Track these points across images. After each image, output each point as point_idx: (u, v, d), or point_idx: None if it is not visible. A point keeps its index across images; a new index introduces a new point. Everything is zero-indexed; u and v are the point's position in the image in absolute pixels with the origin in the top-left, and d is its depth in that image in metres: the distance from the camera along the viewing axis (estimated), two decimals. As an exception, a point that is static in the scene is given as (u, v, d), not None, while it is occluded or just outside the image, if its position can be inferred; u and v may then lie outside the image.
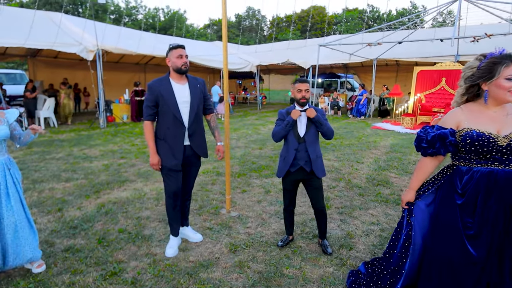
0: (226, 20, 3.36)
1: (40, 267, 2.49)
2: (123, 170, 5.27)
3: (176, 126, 2.66)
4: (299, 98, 2.63)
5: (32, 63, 13.67)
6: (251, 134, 8.86)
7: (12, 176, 2.35)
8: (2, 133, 2.29)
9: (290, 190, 2.83)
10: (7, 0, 38.65)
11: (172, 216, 2.87)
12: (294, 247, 2.92)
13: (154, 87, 2.64)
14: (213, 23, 51.60)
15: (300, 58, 14.74)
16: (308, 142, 2.66)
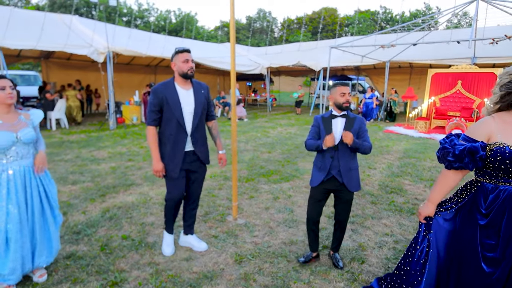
0: (234, 22, 3.26)
1: (42, 277, 2.43)
2: (130, 173, 5.22)
3: (179, 132, 2.59)
4: (342, 102, 2.46)
5: (46, 65, 13.90)
6: (260, 137, 8.74)
7: (37, 178, 2.33)
8: (30, 135, 2.26)
9: (319, 200, 2.61)
10: (23, 3, 39.70)
11: (169, 218, 2.81)
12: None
13: (159, 91, 2.55)
14: (224, 25, 51.84)
15: (311, 60, 14.57)
16: (341, 152, 2.48)
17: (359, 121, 2.53)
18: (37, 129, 2.41)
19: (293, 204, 4.04)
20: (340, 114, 2.52)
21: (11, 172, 2.21)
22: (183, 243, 2.98)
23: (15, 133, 2.21)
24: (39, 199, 2.34)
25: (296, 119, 13.05)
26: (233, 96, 3.43)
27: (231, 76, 3.38)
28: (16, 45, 8.41)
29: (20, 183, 2.23)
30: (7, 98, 2.18)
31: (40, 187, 2.35)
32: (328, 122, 2.53)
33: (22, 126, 2.27)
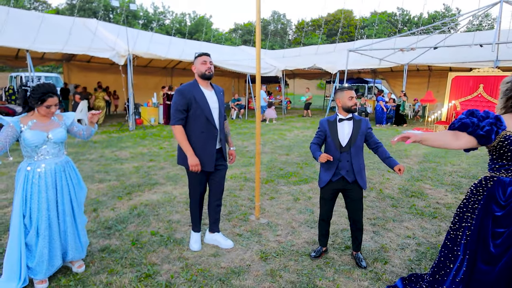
0: (259, 29, 3.40)
1: (81, 267, 2.60)
2: (153, 173, 5.43)
3: (209, 129, 2.76)
4: (351, 105, 2.60)
5: (67, 67, 14.44)
6: (277, 140, 8.86)
7: (67, 177, 2.48)
8: (60, 135, 2.40)
9: (328, 200, 2.78)
10: (44, 7, 41.24)
11: (197, 215, 2.99)
12: (326, 258, 2.88)
13: (186, 91, 2.72)
14: (238, 27, 52.28)
15: (327, 63, 14.61)
16: (353, 153, 2.62)
17: (365, 122, 2.67)
18: (75, 124, 2.58)
19: (313, 205, 4.14)
20: (347, 117, 2.65)
21: (42, 169, 2.35)
22: (209, 240, 3.12)
23: (46, 132, 2.34)
24: (69, 196, 2.49)
25: (312, 122, 13.10)
26: (258, 99, 3.56)
27: (256, 80, 3.52)
28: (43, 48, 8.84)
29: (51, 180, 2.37)
30: (50, 114, 2.36)
31: (71, 188, 2.49)
32: (334, 126, 2.67)
33: (54, 127, 2.40)
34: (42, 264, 2.35)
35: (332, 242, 3.18)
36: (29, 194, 2.32)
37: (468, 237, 1.94)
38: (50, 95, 2.29)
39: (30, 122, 2.32)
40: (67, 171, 2.48)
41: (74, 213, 2.53)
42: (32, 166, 2.34)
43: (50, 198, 2.37)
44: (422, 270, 2.72)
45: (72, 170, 2.53)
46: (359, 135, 2.62)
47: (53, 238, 2.40)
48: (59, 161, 2.44)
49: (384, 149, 2.64)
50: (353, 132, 2.62)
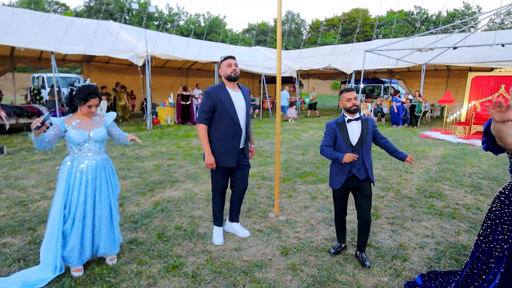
0: (280, 31, 3.52)
1: (112, 260, 2.77)
2: (173, 170, 5.63)
3: (234, 129, 2.92)
4: (349, 106, 2.73)
5: (87, 68, 14.93)
6: (292, 140, 8.95)
7: (106, 174, 2.65)
8: (100, 134, 2.58)
9: (342, 198, 2.88)
10: (63, 10, 42.56)
11: (218, 209, 3.14)
12: (345, 255, 2.97)
13: (213, 93, 2.90)
14: (252, 27, 52.52)
15: (343, 63, 14.59)
16: (364, 151, 2.73)
17: (371, 121, 2.82)
18: (114, 126, 2.78)
19: (331, 204, 4.22)
20: (354, 117, 2.77)
21: (84, 165, 2.56)
22: (228, 229, 3.33)
23: (88, 131, 2.53)
24: (107, 193, 2.66)
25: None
26: (278, 99, 3.68)
27: (277, 81, 3.64)
28: (67, 50, 9.22)
29: (91, 176, 2.56)
30: (90, 113, 2.57)
31: (108, 183, 2.67)
32: (343, 127, 2.77)
33: (95, 126, 2.58)
34: (72, 253, 2.54)
35: (350, 239, 3.27)
36: (70, 187, 2.51)
37: (505, 251, 1.92)
38: (92, 96, 2.49)
39: (74, 122, 2.53)
40: (106, 169, 2.66)
41: (111, 210, 2.70)
42: (75, 161, 2.55)
43: (88, 192, 2.55)
44: (441, 268, 2.78)
45: (110, 168, 2.72)
46: (368, 133, 2.75)
47: (85, 231, 2.57)
48: (100, 158, 2.62)
49: (391, 143, 2.82)
50: (362, 131, 2.73)
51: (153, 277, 2.59)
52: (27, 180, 4.96)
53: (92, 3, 43.24)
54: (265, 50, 18.85)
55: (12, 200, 4.16)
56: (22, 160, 6.24)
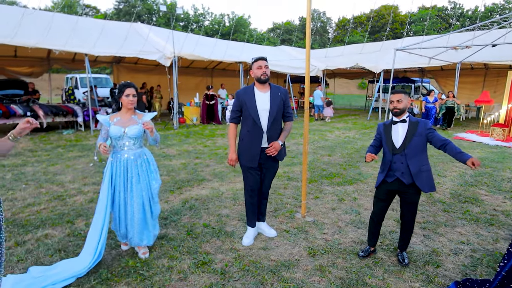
0: (309, 30, 3.54)
1: (145, 254, 2.93)
2: (200, 169, 5.78)
3: (255, 129, 3.00)
4: (391, 109, 2.73)
5: (117, 69, 15.58)
6: (318, 140, 8.89)
7: (138, 168, 2.82)
8: (134, 132, 2.77)
9: (382, 200, 2.85)
10: (94, 12, 44.58)
11: (249, 209, 3.20)
12: (375, 258, 2.94)
13: (240, 95, 3.05)
14: (277, 27, 52.48)
15: (371, 62, 14.28)
16: (409, 154, 2.66)
17: (423, 124, 2.66)
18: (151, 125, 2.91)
19: (359, 206, 4.18)
20: (400, 119, 2.71)
21: (119, 158, 2.79)
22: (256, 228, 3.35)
23: (124, 128, 2.76)
24: (139, 187, 2.81)
25: (354, 123, 12.90)
26: (306, 99, 3.70)
27: (306, 80, 3.66)
28: (100, 52, 9.68)
29: (122, 169, 2.78)
30: (129, 103, 2.78)
31: (142, 178, 2.82)
32: (388, 129, 2.78)
33: (131, 123, 2.81)
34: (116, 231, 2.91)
35: (380, 243, 3.23)
36: (113, 176, 2.80)
37: None
38: (127, 86, 2.77)
39: (115, 119, 2.80)
40: (139, 162, 2.83)
41: (144, 202, 2.84)
42: (114, 154, 2.82)
43: (120, 183, 2.79)
44: (477, 276, 2.69)
45: (146, 163, 2.87)
46: (415, 136, 2.65)
47: (117, 217, 2.87)
48: (134, 153, 2.82)
49: (452, 145, 2.56)
50: (407, 134, 2.67)
51: (183, 272, 2.69)
52: (64, 176, 5.28)
53: (121, 5, 44.98)
54: (290, 49, 18.80)
55: (51, 194, 4.45)
56: (58, 156, 6.64)
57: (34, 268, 2.68)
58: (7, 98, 10.72)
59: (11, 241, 3.15)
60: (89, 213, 3.83)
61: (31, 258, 2.87)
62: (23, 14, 9.42)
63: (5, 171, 5.51)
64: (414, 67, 14.50)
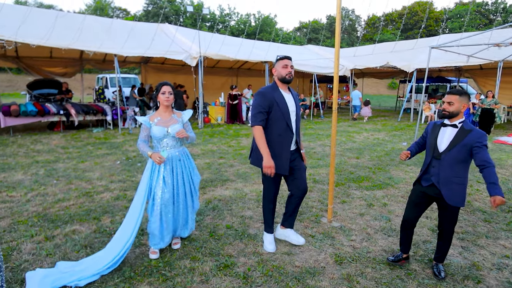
0: (339, 29, 3.41)
1: (176, 244, 3.07)
2: (223, 169, 5.77)
3: (287, 132, 2.84)
4: (441, 110, 2.58)
5: (144, 69, 16.05)
6: (345, 142, 8.65)
7: (182, 165, 2.90)
8: (178, 130, 2.80)
9: (415, 203, 2.68)
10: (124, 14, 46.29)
11: (268, 215, 3.07)
12: (407, 270, 2.77)
13: (268, 93, 2.80)
14: (303, 26, 52.01)
15: (402, 61, 13.74)
16: (444, 163, 2.49)
17: (476, 134, 2.38)
18: (188, 125, 3.00)
19: (389, 213, 3.98)
20: (452, 123, 2.51)
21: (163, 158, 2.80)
22: (280, 236, 3.22)
23: (166, 127, 2.81)
24: (183, 182, 2.91)
25: (383, 124, 12.46)
26: (335, 99, 3.57)
27: (334, 80, 3.53)
28: (128, 53, 9.98)
29: (169, 168, 2.85)
30: (165, 101, 2.82)
31: (185, 175, 2.93)
32: (436, 130, 2.60)
33: (172, 123, 2.86)
34: (152, 236, 2.85)
35: (413, 253, 3.04)
36: (154, 177, 2.82)
37: None
38: (163, 84, 2.83)
39: (156, 119, 2.85)
40: (182, 160, 2.92)
41: (186, 198, 2.96)
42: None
43: (168, 182, 2.82)
44: (525, 295, 2.46)
45: (187, 159, 2.98)
46: (460, 146, 2.43)
47: (163, 218, 2.83)
48: (177, 151, 2.89)
49: (492, 171, 2.30)
50: (452, 141, 2.48)
51: (205, 275, 2.67)
52: (92, 173, 5.46)
53: (150, 7, 46.39)
54: (317, 48, 18.51)
55: (80, 190, 4.60)
56: (88, 153, 6.89)
57: (62, 263, 2.76)
58: (42, 97, 11.33)
59: (41, 235, 3.27)
60: (114, 210, 3.91)
61: (59, 253, 2.95)
62: (57, 17, 9.90)
63: (38, 167, 5.79)
64: (450, 66, 13.77)
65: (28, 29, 8.80)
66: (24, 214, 3.79)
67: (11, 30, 8.29)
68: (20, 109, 8.94)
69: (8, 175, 5.31)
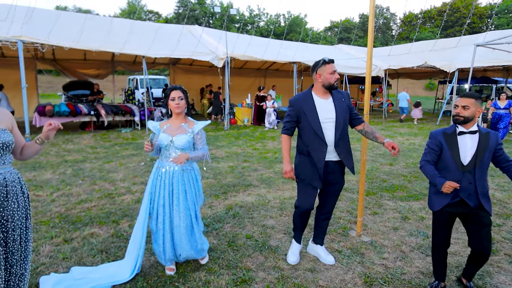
0: (372, 27, 3.14)
1: (203, 260, 2.84)
2: (247, 173, 5.62)
3: (317, 143, 2.59)
4: (453, 115, 2.29)
5: (173, 70, 16.35)
6: (377, 147, 8.20)
7: (185, 182, 2.61)
8: (182, 142, 2.53)
9: (444, 225, 2.38)
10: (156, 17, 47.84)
11: (297, 226, 2.87)
12: (449, 297, 2.45)
13: (296, 103, 2.64)
14: (334, 25, 50.99)
15: (443, 60, 12.91)
16: (478, 174, 2.23)
17: (494, 136, 2.27)
18: (202, 135, 2.66)
19: (427, 228, 3.62)
20: (469, 130, 2.24)
21: (164, 170, 2.59)
22: (311, 251, 3.03)
23: (171, 137, 2.54)
24: (186, 202, 2.59)
25: (420, 128, 11.76)
26: (367, 101, 3.30)
27: (366, 82, 3.26)
28: (156, 54, 10.15)
29: (168, 182, 2.56)
30: (175, 108, 2.56)
31: (188, 191, 2.60)
32: (453, 140, 2.28)
33: (179, 132, 2.57)
34: (159, 253, 2.67)
35: (455, 278, 2.70)
36: (156, 189, 2.61)
37: None
38: (172, 89, 2.58)
39: (165, 126, 2.63)
40: (185, 177, 2.60)
41: (191, 219, 2.64)
42: (159, 164, 2.64)
43: (166, 197, 2.58)
44: None
45: (192, 177, 2.67)
46: (488, 152, 2.22)
47: (164, 234, 2.60)
48: (180, 166, 2.56)
49: None
50: (478, 149, 2.21)
51: (221, 289, 2.51)
52: (116, 174, 5.52)
53: (180, 10, 47.56)
54: (349, 48, 17.95)
55: (103, 192, 4.64)
56: (114, 154, 7.02)
57: (76, 268, 2.72)
58: (76, 97, 11.84)
59: (60, 238, 3.28)
60: (134, 213, 3.87)
61: (75, 257, 2.93)
62: (85, 19, 10.27)
63: (67, 166, 5.95)
64: (497, 65, 12.76)
65: (60, 32, 9.19)
66: (47, 215, 3.84)
67: (45, 34, 8.68)
68: (54, 110, 9.36)
69: (38, 173, 5.50)
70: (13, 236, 1.78)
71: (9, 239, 1.77)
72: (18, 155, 1.97)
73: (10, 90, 10.86)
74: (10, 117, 1.90)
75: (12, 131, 1.88)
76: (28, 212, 1.97)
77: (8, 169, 1.81)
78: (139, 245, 2.62)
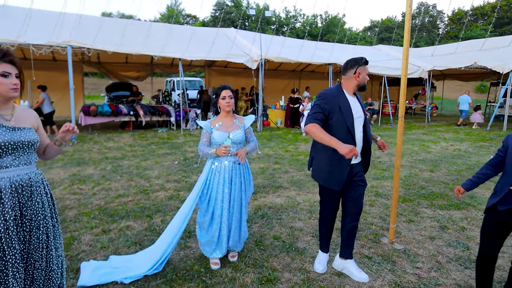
0: (409, 25, 3.06)
1: (234, 257, 2.97)
2: (277, 175, 5.66)
3: (347, 141, 2.48)
4: None
5: (208, 72, 16.84)
6: (417, 152, 7.86)
7: (241, 174, 2.82)
8: (239, 136, 2.76)
9: (490, 233, 2.25)
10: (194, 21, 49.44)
11: (322, 234, 2.85)
12: (488, 312, 2.32)
13: (331, 97, 2.54)
14: (374, 24, 49.49)
15: (495, 60, 12.08)
16: None
17: None
18: (251, 130, 2.93)
19: (468, 239, 3.43)
20: None
21: (223, 165, 2.77)
22: (338, 267, 2.83)
23: (228, 133, 2.76)
24: (240, 193, 2.82)
25: (467, 133, 11.08)
26: (402, 104, 3.21)
27: (401, 83, 3.18)
28: (191, 56, 10.55)
29: (228, 176, 2.76)
30: (226, 106, 2.77)
31: (242, 184, 2.83)
32: None
33: (234, 128, 2.80)
34: (208, 246, 2.84)
35: (497, 292, 2.55)
36: (211, 184, 2.79)
37: None
38: (222, 88, 2.78)
39: (217, 124, 2.81)
40: (241, 169, 2.83)
41: (242, 209, 2.86)
42: (216, 161, 2.80)
43: (225, 192, 2.76)
44: None
45: (246, 169, 2.89)
46: None
47: (222, 227, 2.79)
48: (236, 159, 2.79)
49: None
50: None
51: (246, 287, 2.58)
52: (151, 171, 5.82)
53: (217, 13, 48.79)
54: (389, 48, 17.36)
55: (139, 188, 4.92)
56: (151, 152, 7.40)
57: (114, 257, 2.93)
58: (117, 98, 12.62)
59: (99, 228, 3.55)
60: (166, 209, 4.08)
61: (111, 247, 3.15)
62: (126, 24, 10.91)
63: (107, 163, 6.38)
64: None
65: (104, 37, 9.86)
66: (88, 207, 4.16)
67: (91, 39, 9.37)
68: (97, 110, 10.05)
69: (82, 169, 5.95)
70: (37, 235, 1.81)
71: (33, 237, 1.80)
72: (41, 155, 2.03)
73: (59, 92, 11.82)
74: (35, 116, 1.96)
75: (37, 130, 1.93)
76: (54, 211, 1.97)
77: (33, 170, 1.85)
78: (171, 241, 2.76)
